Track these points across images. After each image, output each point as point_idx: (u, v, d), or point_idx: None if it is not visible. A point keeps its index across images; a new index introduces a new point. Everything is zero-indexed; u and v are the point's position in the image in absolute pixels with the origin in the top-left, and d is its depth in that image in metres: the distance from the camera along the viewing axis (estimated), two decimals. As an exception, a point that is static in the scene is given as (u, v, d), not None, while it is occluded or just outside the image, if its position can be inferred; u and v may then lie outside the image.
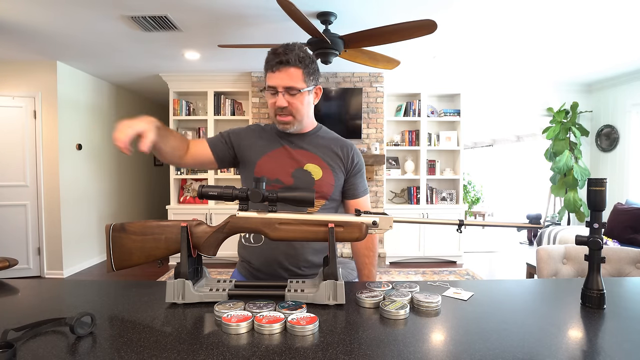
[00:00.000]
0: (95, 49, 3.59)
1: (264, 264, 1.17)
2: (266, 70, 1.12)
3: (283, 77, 1.08)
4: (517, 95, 4.89)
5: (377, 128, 4.55)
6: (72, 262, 4.24)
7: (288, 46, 1.10)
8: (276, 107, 1.11)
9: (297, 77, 1.09)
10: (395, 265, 4.48)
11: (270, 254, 1.15)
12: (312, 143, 1.20)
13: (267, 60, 1.10)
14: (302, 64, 1.09)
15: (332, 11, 2.75)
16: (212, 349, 0.64)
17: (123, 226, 0.90)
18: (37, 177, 3.99)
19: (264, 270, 1.17)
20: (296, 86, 1.09)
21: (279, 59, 1.07)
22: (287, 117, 1.13)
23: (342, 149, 1.22)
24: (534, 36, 3.24)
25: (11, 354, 0.61)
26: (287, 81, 1.08)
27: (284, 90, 1.09)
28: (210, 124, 4.60)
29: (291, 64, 1.08)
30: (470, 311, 0.83)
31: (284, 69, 1.08)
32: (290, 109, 1.11)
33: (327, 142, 1.22)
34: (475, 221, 0.90)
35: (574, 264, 1.60)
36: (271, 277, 1.16)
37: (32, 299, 0.96)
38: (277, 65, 1.07)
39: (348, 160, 1.21)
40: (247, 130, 1.25)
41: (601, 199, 0.85)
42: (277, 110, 1.12)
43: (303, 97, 1.13)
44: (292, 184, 1.14)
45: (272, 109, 1.14)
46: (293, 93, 1.10)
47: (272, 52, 1.10)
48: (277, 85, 1.09)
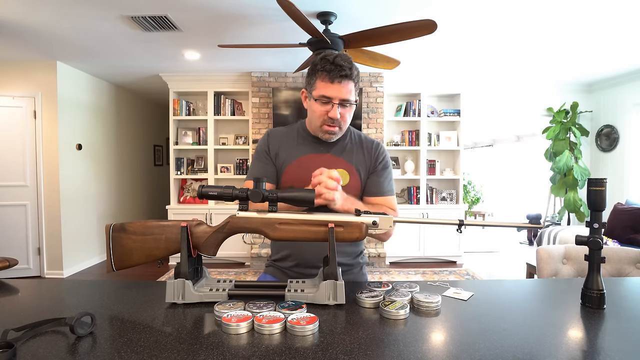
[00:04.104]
0: (95, 49, 3.59)
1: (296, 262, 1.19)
2: (318, 78, 1.09)
3: (342, 89, 1.08)
4: (517, 95, 4.89)
5: (377, 128, 4.55)
6: (72, 262, 4.24)
7: (345, 58, 1.09)
8: (327, 117, 1.11)
9: (353, 91, 1.11)
10: (395, 265, 4.48)
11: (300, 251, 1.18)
12: (340, 148, 1.21)
13: (325, 69, 1.07)
14: (356, 79, 1.11)
15: (332, 11, 2.75)
16: (212, 349, 0.64)
17: (123, 226, 0.90)
18: (37, 177, 3.99)
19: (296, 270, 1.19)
20: (351, 100, 1.11)
21: (344, 72, 1.06)
22: (336, 128, 1.14)
23: (369, 148, 1.23)
24: (535, 36, 3.24)
25: (11, 354, 0.61)
26: (346, 94, 1.09)
27: (340, 102, 1.09)
28: (210, 124, 4.60)
29: (351, 77, 1.08)
30: (470, 311, 0.83)
31: (344, 82, 1.08)
32: (341, 120, 1.12)
33: (355, 144, 1.23)
34: (475, 221, 0.90)
35: (574, 264, 1.60)
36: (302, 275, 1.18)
37: (32, 299, 0.96)
38: (340, 78, 1.07)
39: (372, 158, 1.22)
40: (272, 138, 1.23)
41: (601, 199, 0.85)
42: (327, 120, 1.12)
43: (352, 110, 1.15)
44: None
45: (321, 118, 1.13)
46: (347, 105, 1.11)
47: (332, 62, 1.07)
48: (335, 96, 1.09)
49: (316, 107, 1.12)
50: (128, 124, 5.51)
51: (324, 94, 1.09)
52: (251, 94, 4.51)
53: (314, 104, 1.13)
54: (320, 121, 1.13)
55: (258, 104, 4.49)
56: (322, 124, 1.14)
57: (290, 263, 1.21)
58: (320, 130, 1.16)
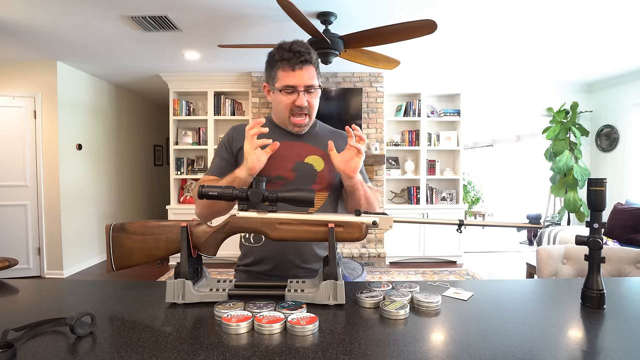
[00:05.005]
0: (95, 49, 3.59)
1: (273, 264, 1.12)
2: (279, 69, 1.07)
3: (305, 75, 1.06)
4: (517, 95, 4.89)
5: (377, 128, 4.55)
6: (72, 262, 4.24)
7: (302, 43, 1.07)
8: (295, 106, 1.08)
9: (315, 76, 1.08)
10: (395, 265, 4.48)
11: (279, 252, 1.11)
12: (311, 136, 1.19)
13: (284, 58, 1.05)
14: (316, 63, 1.09)
15: (332, 11, 2.75)
16: (212, 349, 0.64)
17: (123, 226, 0.90)
18: (37, 177, 3.98)
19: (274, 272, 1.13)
20: (315, 84, 1.08)
21: (303, 57, 1.04)
22: (304, 118, 1.11)
23: (341, 136, 1.21)
24: (535, 36, 3.23)
25: (11, 354, 0.61)
26: (309, 79, 1.06)
27: (305, 88, 1.07)
28: (210, 124, 4.60)
29: (311, 62, 1.06)
30: (470, 311, 0.83)
31: (305, 67, 1.05)
32: (309, 107, 1.10)
33: (325, 133, 1.22)
34: (475, 221, 0.90)
35: (574, 264, 1.60)
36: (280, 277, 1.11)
37: (32, 299, 0.96)
38: (301, 64, 1.04)
39: (344, 145, 1.17)
40: (236, 133, 1.19)
41: (601, 199, 0.85)
42: (294, 109, 1.09)
43: (318, 95, 1.12)
44: (294, 179, 1.12)
45: (287, 109, 1.09)
46: (312, 91, 1.09)
47: (289, 50, 1.05)
48: (299, 84, 1.06)
49: (281, 99, 1.09)
50: (128, 124, 5.50)
51: (287, 83, 1.06)
52: (251, 94, 4.51)
53: (278, 96, 1.09)
54: (288, 112, 1.10)
55: (258, 104, 4.49)
56: (290, 114, 1.10)
57: (266, 266, 1.13)
58: (289, 123, 1.12)
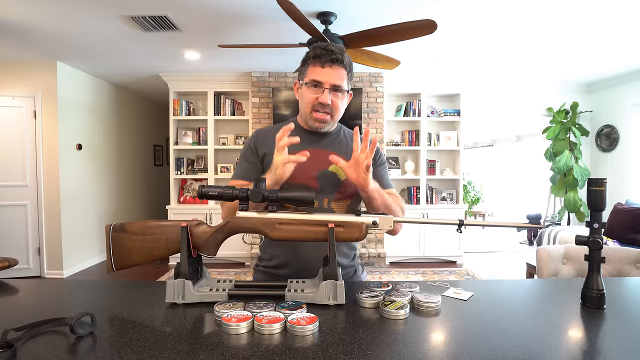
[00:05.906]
0: (95, 49, 3.59)
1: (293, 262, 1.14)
2: (310, 65, 1.09)
3: (333, 74, 1.07)
4: (517, 95, 4.89)
5: (377, 128, 4.55)
6: (72, 262, 4.24)
7: (338, 45, 1.09)
8: (317, 102, 1.09)
9: (344, 78, 1.09)
10: (395, 265, 4.48)
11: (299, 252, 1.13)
12: (335, 143, 1.19)
13: (316, 55, 1.07)
14: (349, 67, 1.10)
15: (332, 11, 2.75)
16: (212, 349, 0.64)
17: (123, 226, 0.90)
18: (37, 177, 3.98)
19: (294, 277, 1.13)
20: (343, 86, 1.09)
21: (334, 56, 1.06)
22: (326, 115, 1.11)
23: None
24: (534, 36, 3.24)
25: (11, 354, 0.61)
26: (336, 79, 1.07)
27: (331, 87, 1.08)
28: (210, 124, 4.60)
29: (343, 64, 1.07)
30: (470, 311, 0.83)
31: (335, 66, 1.07)
32: (332, 107, 1.10)
33: (350, 140, 1.21)
34: (475, 221, 0.90)
35: (574, 264, 1.60)
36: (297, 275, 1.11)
37: (32, 299, 0.96)
38: (330, 62, 1.06)
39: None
40: (261, 137, 1.19)
41: (601, 199, 0.85)
42: (317, 106, 1.10)
43: (344, 98, 1.13)
44: (317, 187, 1.11)
45: (311, 104, 1.10)
46: (338, 92, 1.09)
47: (323, 48, 1.07)
48: (325, 81, 1.07)
49: (306, 93, 1.10)
50: (128, 124, 5.50)
51: (313, 78, 1.08)
52: (251, 94, 4.51)
53: (304, 91, 1.11)
54: (310, 107, 1.11)
55: (258, 104, 4.49)
56: (312, 110, 1.11)
57: (287, 270, 1.17)
58: (310, 118, 1.12)
